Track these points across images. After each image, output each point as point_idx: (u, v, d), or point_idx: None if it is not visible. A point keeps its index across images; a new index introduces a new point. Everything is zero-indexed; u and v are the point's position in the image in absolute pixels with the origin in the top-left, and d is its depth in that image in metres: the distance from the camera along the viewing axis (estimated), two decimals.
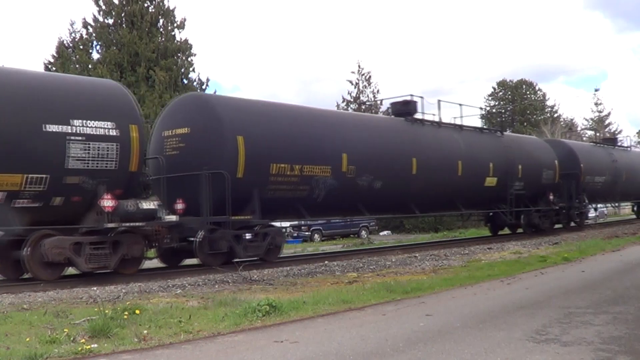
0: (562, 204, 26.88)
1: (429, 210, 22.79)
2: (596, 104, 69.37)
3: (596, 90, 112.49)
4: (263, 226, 15.49)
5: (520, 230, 26.36)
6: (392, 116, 21.53)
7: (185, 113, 15.46)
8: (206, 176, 14.07)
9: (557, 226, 27.72)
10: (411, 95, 21.30)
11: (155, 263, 15.37)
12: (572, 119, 65.46)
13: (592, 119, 68.15)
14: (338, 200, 17.22)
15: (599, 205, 36.08)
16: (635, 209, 41.81)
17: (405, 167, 19.26)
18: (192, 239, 14.53)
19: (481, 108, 44.76)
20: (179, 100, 16.68)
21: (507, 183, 23.42)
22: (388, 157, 18.63)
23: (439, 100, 22.56)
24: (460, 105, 23.85)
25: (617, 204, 38.11)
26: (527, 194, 24.74)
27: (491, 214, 25.50)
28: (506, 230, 27.26)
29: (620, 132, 62.58)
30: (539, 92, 65.38)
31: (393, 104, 21.75)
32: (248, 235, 15.13)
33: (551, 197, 25.81)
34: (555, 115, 63.16)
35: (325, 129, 17.36)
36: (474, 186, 22.05)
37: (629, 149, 37.50)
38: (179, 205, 13.92)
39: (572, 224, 28.47)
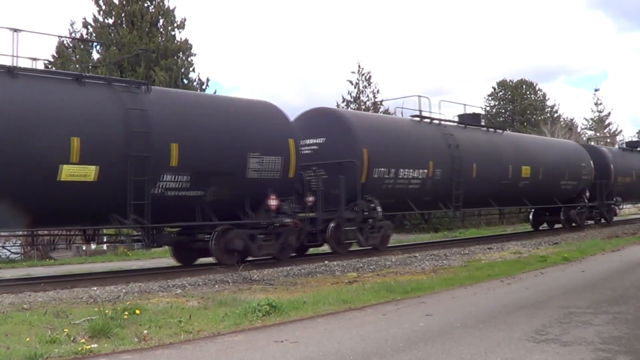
0: (305, 214, 16.69)
1: None
2: (596, 104, 69.38)
3: (596, 90, 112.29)
4: None
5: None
6: None
7: None
8: None
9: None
10: None
11: (156, 263, 15.37)
12: (572, 119, 65.44)
13: (592, 119, 68.20)
14: None
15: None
16: (531, 217, 30.89)
17: None
18: None
19: None
20: None
21: (130, 178, 12.77)
22: None
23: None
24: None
25: (458, 212, 21.57)
26: (210, 198, 14.27)
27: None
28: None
29: (620, 131, 62.59)
30: (539, 92, 65.48)
31: None
32: None
33: (272, 202, 15.19)
34: (555, 115, 63.20)
35: None
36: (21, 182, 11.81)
37: (499, 131, 25.11)
38: None
39: (368, 245, 18.25)
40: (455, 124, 22.75)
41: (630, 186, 32.78)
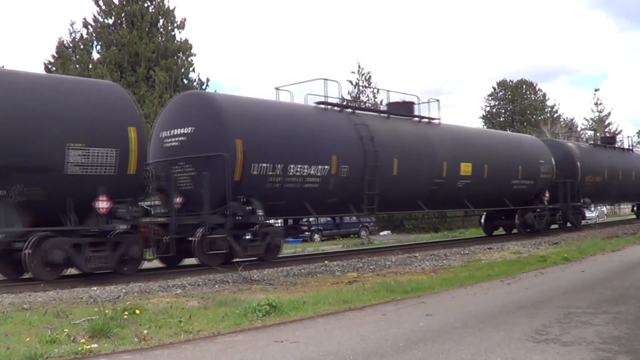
0: (152, 219, 14.04)
1: None
2: (596, 104, 69.42)
3: (596, 90, 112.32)
4: None
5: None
6: None
7: None
8: None
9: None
10: None
11: (156, 263, 15.34)
12: (572, 119, 65.48)
13: (592, 119, 68.22)
14: None
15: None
16: (482, 221, 27.49)
17: None
18: None
19: None
20: None
21: None
22: None
23: None
24: None
25: (373, 215, 20.78)
26: (16, 198, 11.74)
27: None
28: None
29: (620, 132, 62.61)
30: (539, 92, 65.54)
31: None
32: None
33: (103, 204, 12.51)
34: (555, 115, 63.22)
35: None
36: None
37: (436, 122, 21.46)
38: None
39: (247, 255, 15.27)
40: (376, 113, 19.88)
41: (601, 186, 29.49)
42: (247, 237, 15.15)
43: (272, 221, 16.71)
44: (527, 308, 8.43)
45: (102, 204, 12.42)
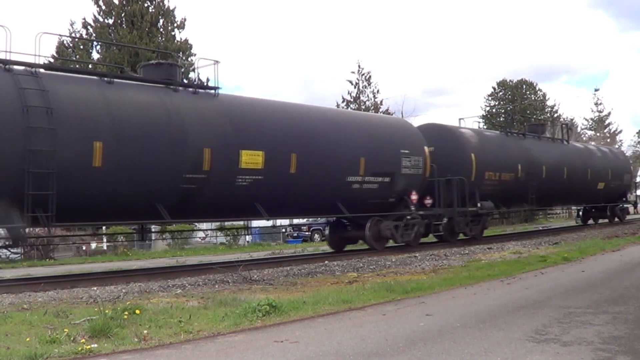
0: None
1: None
2: (596, 104, 69.45)
3: (596, 90, 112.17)
4: None
5: None
6: None
7: None
8: None
9: None
10: None
11: (156, 263, 15.34)
12: (572, 119, 65.50)
13: (592, 119, 68.24)
14: None
15: None
16: (327, 232, 21.91)
17: None
18: None
19: None
20: None
21: None
22: None
23: None
24: None
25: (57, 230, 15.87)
26: None
27: None
28: None
29: (620, 131, 62.61)
30: (539, 92, 65.56)
31: None
32: None
33: None
34: (555, 115, 63.23)
35: None
36: None
37: (213, 93, 15.09)
38: None
39: None
40: (96, 77, 13.53)
41: (512, 186, 22.90)
42: None
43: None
44: (527, 308, 8.43)
45: None
